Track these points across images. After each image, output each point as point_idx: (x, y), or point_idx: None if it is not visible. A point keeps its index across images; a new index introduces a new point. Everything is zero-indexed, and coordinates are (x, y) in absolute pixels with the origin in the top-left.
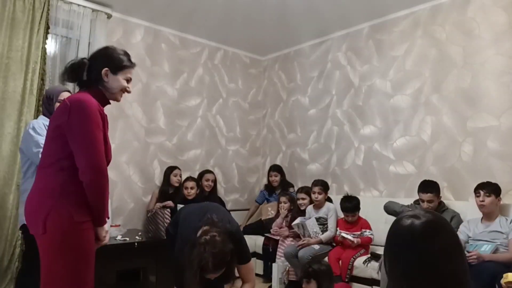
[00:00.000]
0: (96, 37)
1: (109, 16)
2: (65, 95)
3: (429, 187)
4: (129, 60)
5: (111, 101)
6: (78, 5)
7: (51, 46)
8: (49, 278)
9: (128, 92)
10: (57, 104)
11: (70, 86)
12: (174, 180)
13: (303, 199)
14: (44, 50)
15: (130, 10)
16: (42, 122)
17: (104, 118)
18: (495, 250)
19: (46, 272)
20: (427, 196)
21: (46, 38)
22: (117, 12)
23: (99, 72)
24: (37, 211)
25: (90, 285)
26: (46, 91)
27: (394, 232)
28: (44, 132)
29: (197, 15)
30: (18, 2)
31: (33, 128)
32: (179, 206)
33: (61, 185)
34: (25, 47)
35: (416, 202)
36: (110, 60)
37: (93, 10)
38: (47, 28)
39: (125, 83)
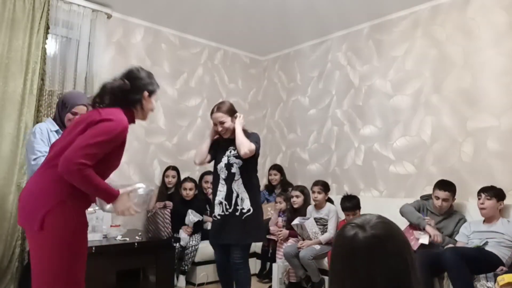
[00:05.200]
0: (96, 37)
1: (109, 16)
2: (81, 109)
3: (447, 185)
4: (158, 85)
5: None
6: (78, 5)
7: (51, 46)
8: (44, 276)
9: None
10: (69, 115)
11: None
12: (167, 181)
13: (297, 197)
14: (44, 50)
15: (130, 10)
16: (46, 127)
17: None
18: (484, 244)
19: (41, 270)
20: (444, 194)
21: (46, 38)
22: (117, 12)
23: (140, 95)
24: (37, 208)
25: (82, 284)
26: (64, 96)
27: (336, 242)
28: (45, 137)
29: (197, 15)
30: (18, 2)
31: (34, 133)
32: (191, 211)
33: (68, 185)
34: (25, 47)
35: (424, 198)
36: (149, 84)
37: (93, 10)
38: (47, 28)
39: (155, 105)
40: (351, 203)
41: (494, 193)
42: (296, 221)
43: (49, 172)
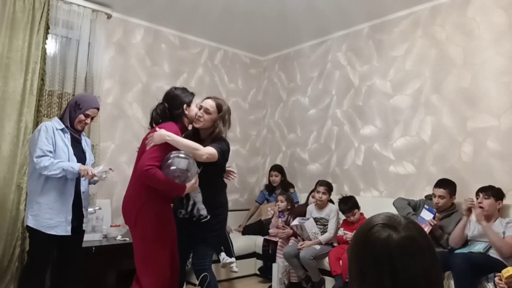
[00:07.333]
0: (96, 37)
1: (109, 16)
2: (93, 112)
3: (443, 183)
4: (192, 93)
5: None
6: (78, 5)
7: (51, 46)
8: (139, 259)
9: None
10: (81, 117)
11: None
12: None
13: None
14: (44, 50)
15: (130, 10)
16: (52, 126)
17: None
18: (488, 248)
19: (143, 254)
20: (439, 191)
21: (46, 38)
22: (117, 12)
23: (181, 109)
24: (131, 210)
25: (167, 267)
26: (78, 98)
27: (365, 243)
28: (49, 135)
29: (197, 15)
30: (18, 2)
31: (39, 130)
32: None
33: (147, 190)
34: (25, 47)
35: (428, 197)
36: (185, 97)
37: (93, 10)
38: (47, 28)
39: (197, 110)
40: (347, 205)
41: (492, 192)
42: (296, 221)
43: (133, 181)
